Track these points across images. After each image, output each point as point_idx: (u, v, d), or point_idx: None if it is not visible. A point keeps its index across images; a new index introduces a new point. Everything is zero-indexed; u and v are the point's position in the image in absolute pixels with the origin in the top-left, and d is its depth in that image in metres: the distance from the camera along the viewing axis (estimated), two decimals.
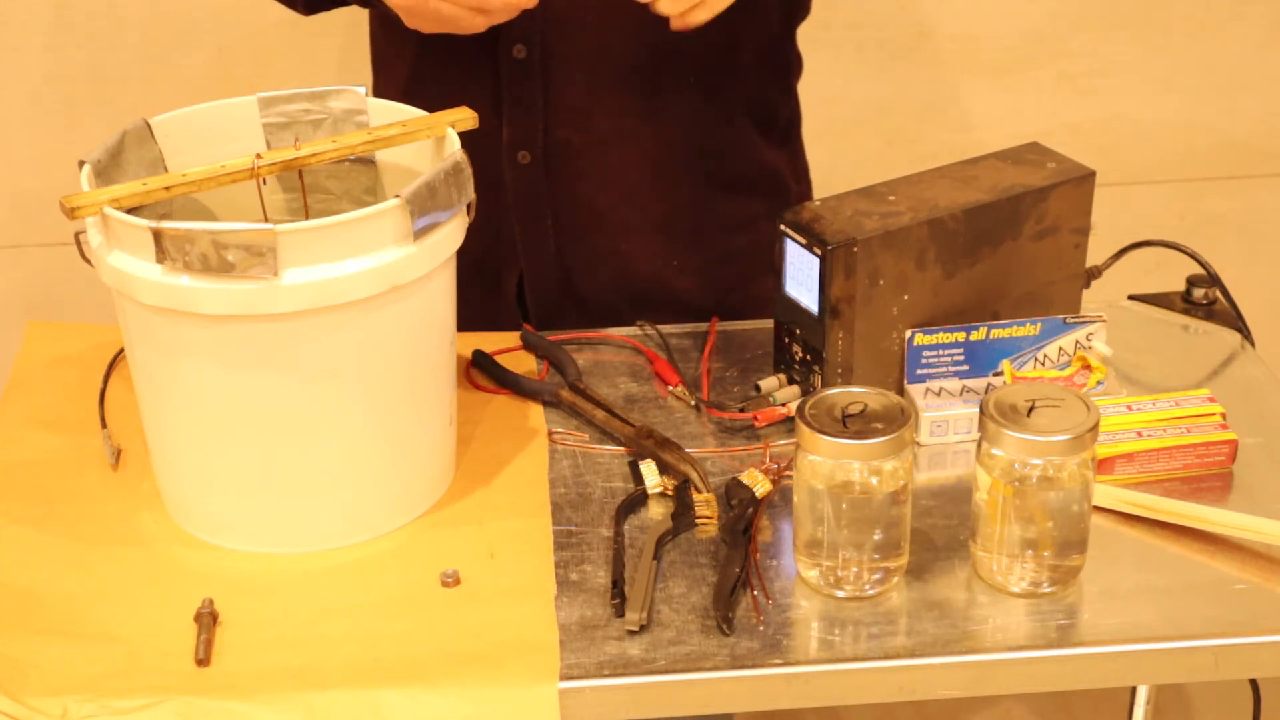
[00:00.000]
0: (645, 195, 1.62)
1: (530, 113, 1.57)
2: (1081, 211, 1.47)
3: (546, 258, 1.63)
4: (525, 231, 1.62)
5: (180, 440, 1.30)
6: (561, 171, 1.59)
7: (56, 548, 1.31)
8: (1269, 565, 1.27)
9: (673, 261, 1.64)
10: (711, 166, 1.62)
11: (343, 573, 1.29)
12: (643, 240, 1.63)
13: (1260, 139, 2.40)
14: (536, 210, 1.61)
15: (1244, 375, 1.52)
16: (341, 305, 1.22)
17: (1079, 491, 1.22)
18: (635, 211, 1.62)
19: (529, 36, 1.53)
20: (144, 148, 1.35)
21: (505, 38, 1.52)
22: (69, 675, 1.18)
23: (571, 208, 1.61)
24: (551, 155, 1.59)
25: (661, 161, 1.60)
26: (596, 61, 1.55)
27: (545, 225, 1.62)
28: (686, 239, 1.64)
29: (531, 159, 1.58)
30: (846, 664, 1.20)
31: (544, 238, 1.62)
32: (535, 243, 1.62)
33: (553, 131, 1.57)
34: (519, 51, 1.54)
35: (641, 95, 1.57)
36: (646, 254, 1.64)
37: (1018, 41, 2.30)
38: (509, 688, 1.17)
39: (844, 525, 1.22)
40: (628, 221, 1.62)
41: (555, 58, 1.54)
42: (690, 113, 1.59)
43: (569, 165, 1.59)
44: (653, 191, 1.62)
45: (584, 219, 1.62)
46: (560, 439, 1.43)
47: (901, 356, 1.43)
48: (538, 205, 1.61)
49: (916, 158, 1.99)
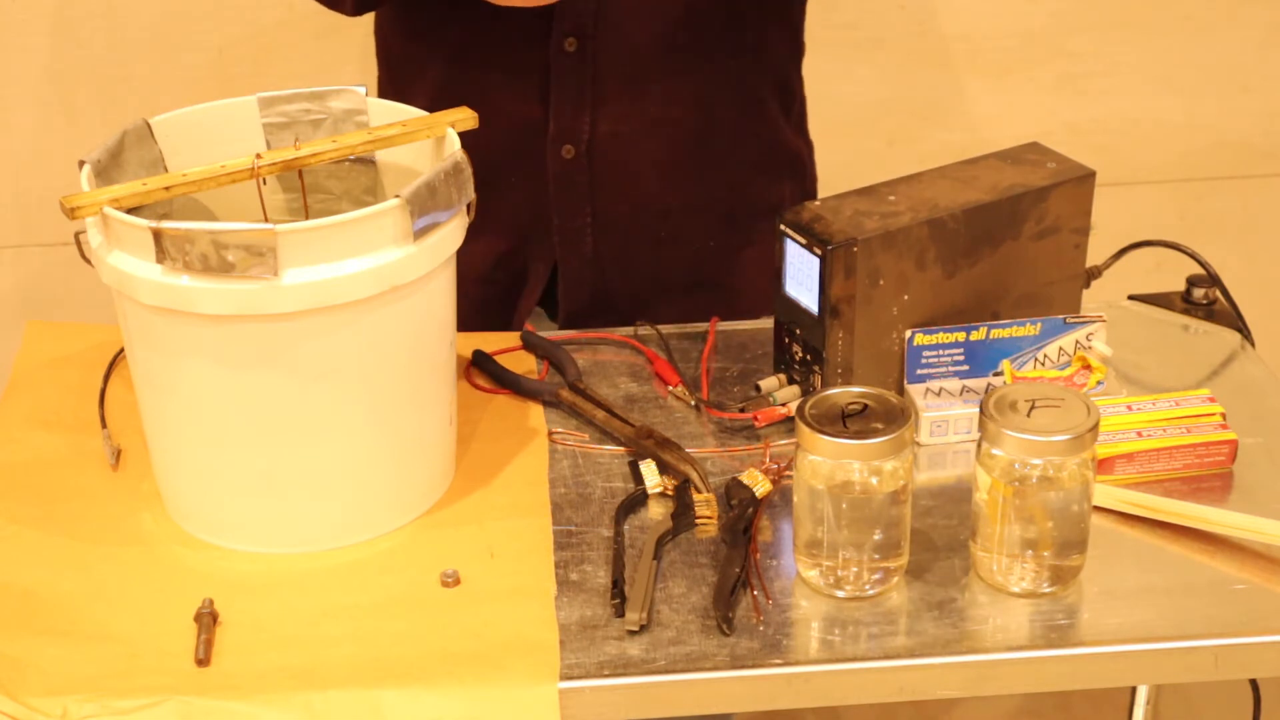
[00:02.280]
0: (685, 180, 1.63)
1: (578, 106, 1.58)
2: (1081, 211, 1.47)
3: (583, 254, 1.64)
4: (563, 226, 1.63)
5: (180, 440, 1.30)
6: (604, 163, 1.60)
7: (56, 548, 1.31)
8: (1269, 565, 1.27)
9: (709, 243, 1.66)
10: (748, 149, 1.63)
11: (343, 573, 1.29)
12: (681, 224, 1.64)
13: (1260, 139, 2.40)
14: (576, 205, 1.62)
15: (1244, 375, 1.52)
16: (341, 305, 1.22)
17: (1079, 491, 1.22)
18: (675, 195, 1.63)
19: (581, 29, 1.54)
20: (144, 148, 1.35)
21: (556, 31, 1.53)
22: (69, 675, 1.18)
23: (612, 199, 1.62)
24: (595, 148, 1.59)
25: (701, 146, 1.62)
26: (644, 50, 1.56)
27: (585, 221, 1.63)
28: (723, 223, 1.65)
29: (575, 153, 1.59)
30: (846, 664, 1.20)
31: (582, 233, 1.63)
32: (573, 237, 1.63)
33: (598, 124, 1.58)
34: (570, 45, 1.54)
35: (684, 81, 1.58)
36: (685, 238, 1.65)
37: (1018, 41, 2.30)
38: (509, 688, 1.17)
39: (844, 525, 1.22)
40: (667, 206, 1.64)
41: (605, 49, 1.55)
42: (728, 95, 1.61)
43: (611, 156, 1.60)
44: (692, 175, 1.63)
45: (623, 210, 1.63)
46: (560, 439, 1.43)
47: (901, 356, 1.43)
48: (578, 200, 1.62)
49: (916, 158, 1.99)
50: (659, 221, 1.64)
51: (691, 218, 1.65)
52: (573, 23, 1.53)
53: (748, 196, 1.66)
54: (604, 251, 1.64)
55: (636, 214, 1.63)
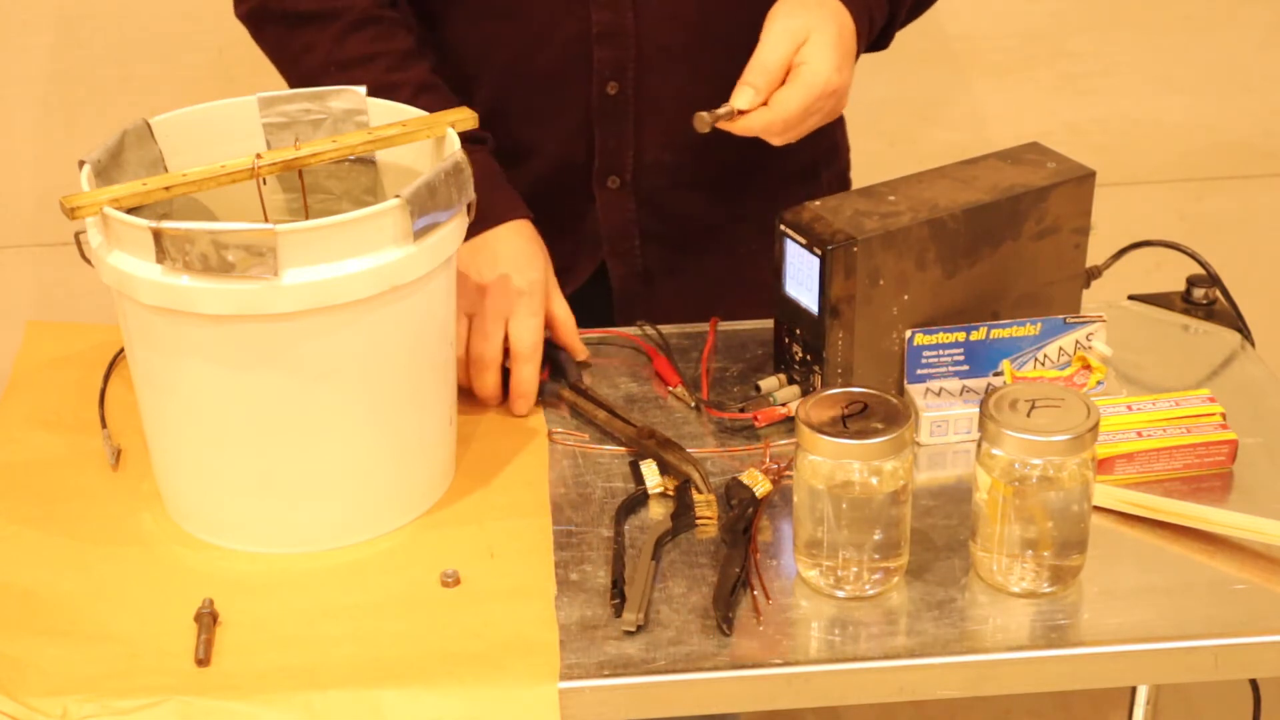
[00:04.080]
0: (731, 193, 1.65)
1: (622, 142, 1.59)
2: (1081, 211, 1.47)
3: (634, 275, 1.66)
4: (613, 250, 1.65)
5: (180, 440, 1.30)
6: (650, 188, 1.62)
7: (56, 548, 1.31)
8: (1269, 565, 1.27)
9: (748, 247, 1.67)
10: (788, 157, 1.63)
11: (343, 573, 1.29)
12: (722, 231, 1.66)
13: (1260, 139, 2.40)
14: (625, 230, 1.64)
15: (1244, 375, 1.52)
16: (341, 305, 1.22)
17: (1079, 491, 1.22)
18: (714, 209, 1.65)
19: (621, 74, 1.54)
20: (144, 148, 1.35)
21: (597, 76, 1.53)
22: (69, 675, 1.18)
23: (657, 219, 1.64)
24: (640, 176, 1.61)
25: (744, 161, 1.62)
26: (687, 87, 1.55)
27: (633, 244, 1.65)
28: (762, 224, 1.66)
29: (621, 183, 1.60)
30: (846, 664, 1.20)
31: (632, 255, 1.65)
32: (623, 258, 1.65)
33: (642, 156, 1.59)
34: (611, 88, 1.55)
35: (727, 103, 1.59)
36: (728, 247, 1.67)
37: (1018, 41, 2.31)
38: (509, 688, 1.17)
39: (844, 525, 1.22)
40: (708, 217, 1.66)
41: (647, 91, 1.56)
42: None
43: (657, 180, 1.62)
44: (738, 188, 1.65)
45: (670, 227, 1.65)
46: (560, 439, 1.43)
47: (901, 356, 1.43)
48: (627, 226, 1.64)
49: (916, 158, 1.99)
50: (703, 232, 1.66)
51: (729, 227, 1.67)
52: (612, 69, 1.55)
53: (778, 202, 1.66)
54: (655, 271, 1.66)
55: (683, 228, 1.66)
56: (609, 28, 1.53)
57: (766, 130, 1.43)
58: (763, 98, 1.41)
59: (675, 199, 1.65)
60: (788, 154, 1.57)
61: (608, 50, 1.54)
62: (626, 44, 1.54)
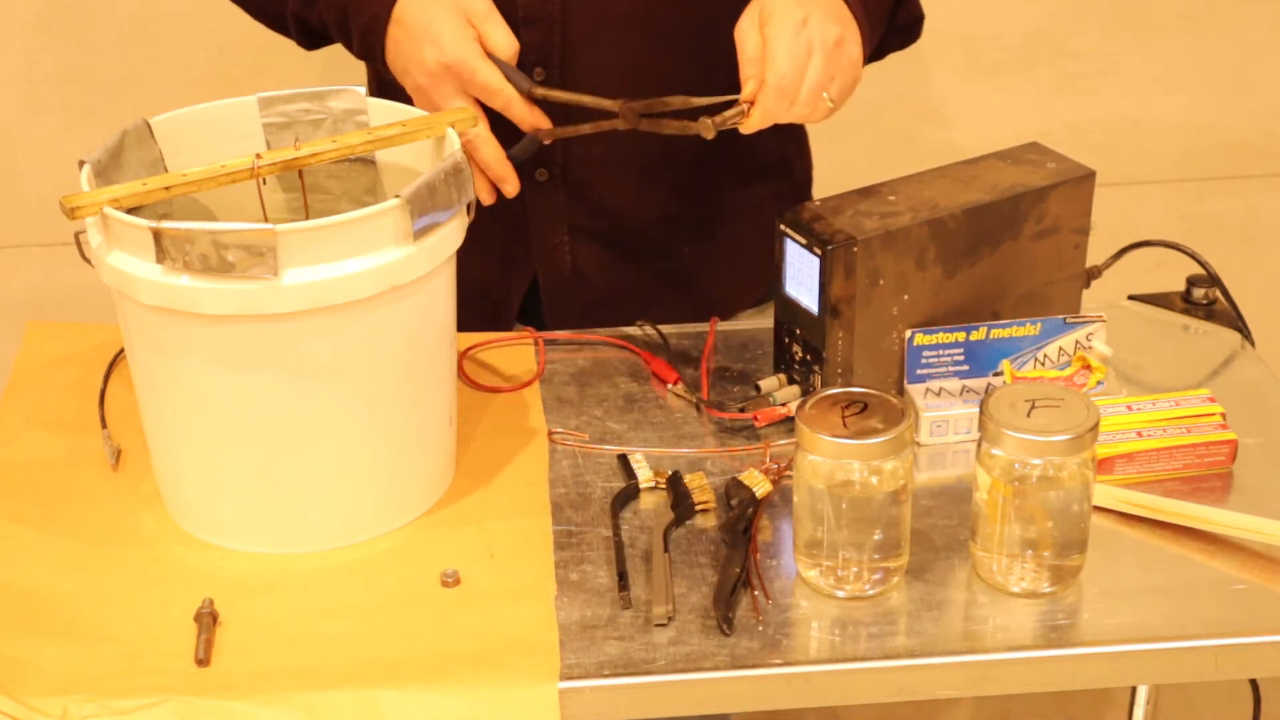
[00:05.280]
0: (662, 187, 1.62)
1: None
2: (1081, 211, 1.47)
3: (563, 275, 1.63)
4: (541, 245, 1.62)
5: (180, 440, 1.30)
6: (579, 180, 1.60)
7: (56, 548, 1.31)
8: (1269, 565, 1.27)
9: (684, 249, 1.65)
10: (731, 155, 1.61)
11: (343, 573, 1.29)
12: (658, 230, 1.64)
13: (1260, 139, 2.40)
14: (553, 224, 1.62)
15: (1244, 375, 1.53)
16: (341, 305, 1.22)
17: (1079, 491, 1.22)
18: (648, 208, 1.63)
19: (546, 59, 1.53)
20: (144, 148, 1.35)
21: (523, 61, 1.52)
22: (69, 675, 1.18)
23: (588, 214, 1.62)
24: (569, 168, 1.59)
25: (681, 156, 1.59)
26: (616, 75, 1.54)
27: (562, 238, 1.62)
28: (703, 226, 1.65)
29: (550, 175, 1.59)
30: (846, 664, 1.20)
31: (560, 250, 1.63)
32: (551, 254, 1.63)
33: (572, 148, 1.57)
34: (539, 74, 1.53)
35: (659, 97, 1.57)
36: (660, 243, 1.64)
37: (1018, 41, 2.31)
38: (509, 688, 1.17)
39: (844, 525, 1.22)
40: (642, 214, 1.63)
41: (575, 77, 1.54)
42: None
43: (586, 173, 1.59)
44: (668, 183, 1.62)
45: (600, 224, 1.62)
46: (560, 439, 1.43)
47: (901, 356, 1.43)
48: (554, 220, 1.62)
49: (916, 158, 1.99)
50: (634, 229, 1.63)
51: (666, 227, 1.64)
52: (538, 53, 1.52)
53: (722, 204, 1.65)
54: (584, 265, 1.63)
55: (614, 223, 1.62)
56: (535, 11, 1.51)
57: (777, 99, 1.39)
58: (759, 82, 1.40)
59: (607, 194, 1.61)
60: (731, 151, 1.55)
61: (534, 34, 1.52)
62: (553, 29, 1.52)
